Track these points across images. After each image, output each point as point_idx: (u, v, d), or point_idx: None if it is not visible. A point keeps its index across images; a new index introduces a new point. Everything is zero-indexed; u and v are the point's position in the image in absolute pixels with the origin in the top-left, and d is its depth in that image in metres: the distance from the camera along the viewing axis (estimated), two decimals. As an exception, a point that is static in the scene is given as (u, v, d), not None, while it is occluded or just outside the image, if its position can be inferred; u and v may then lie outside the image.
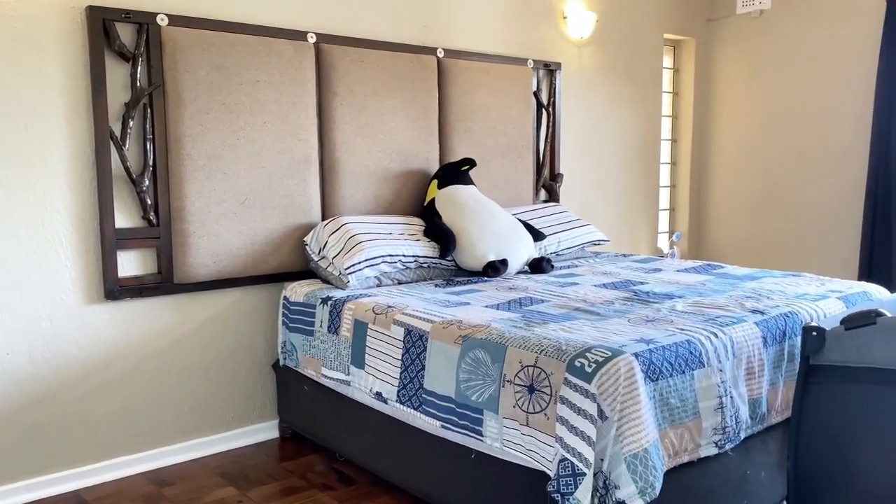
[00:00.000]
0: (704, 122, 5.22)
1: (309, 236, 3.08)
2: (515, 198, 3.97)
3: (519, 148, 3.96)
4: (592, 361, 1.90)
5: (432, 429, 2.32)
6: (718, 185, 5.18)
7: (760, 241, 4.97)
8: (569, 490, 1.84)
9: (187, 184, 2.84)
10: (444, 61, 3.61)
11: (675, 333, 2.13)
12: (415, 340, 2.36)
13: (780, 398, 2.31)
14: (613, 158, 4.65)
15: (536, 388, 1.98)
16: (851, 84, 4.44)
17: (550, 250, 3.62)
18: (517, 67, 3.93)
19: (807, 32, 4.62)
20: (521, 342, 2.08)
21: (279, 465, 2.93)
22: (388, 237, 3.02)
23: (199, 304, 2.98)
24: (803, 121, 4.68)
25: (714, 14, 5.08)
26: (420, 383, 2.33)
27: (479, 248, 3.15)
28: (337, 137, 3.22)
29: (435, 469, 2.35)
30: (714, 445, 2.07)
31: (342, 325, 2.68)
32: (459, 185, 3.36)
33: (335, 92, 3.21)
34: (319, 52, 3.19)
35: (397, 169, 3.43)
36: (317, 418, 2.91)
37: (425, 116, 3.52)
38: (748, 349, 2.21)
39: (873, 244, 4.26)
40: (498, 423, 2.07)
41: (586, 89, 4.42)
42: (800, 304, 2.53)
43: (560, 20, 4.22)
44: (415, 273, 3.12)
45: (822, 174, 4.62)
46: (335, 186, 3.24)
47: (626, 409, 1.84)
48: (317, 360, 2.81)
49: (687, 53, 5.12)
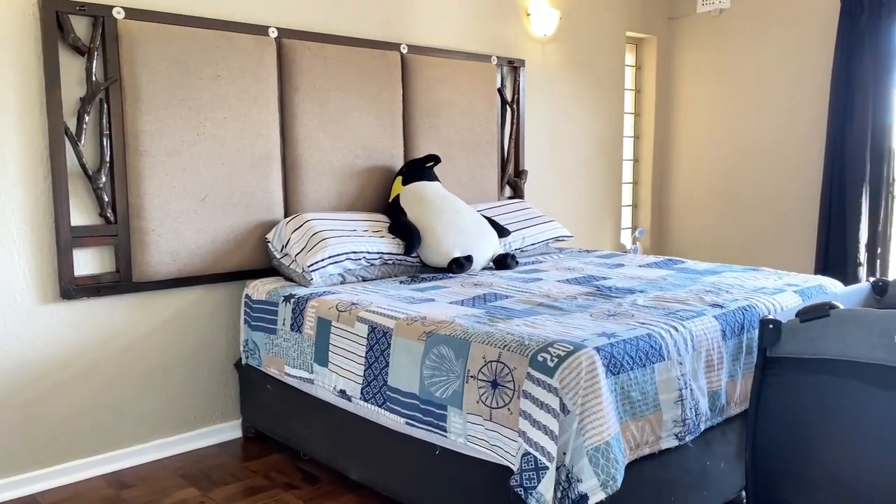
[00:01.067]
0: (666, 120, 5.29)
1: (271, 233, 3.05)
2: (480, 194, 3.98)
3: (484, 144, 3.97)
4: (554, 356, 1.91)
5: (397, 426, 2.31)
6: (680, 182, 5.26)
7: (721, 236, 5.05)
8: (532, 484, 1.85)
9: (146, 180, 2.78)
10: (407, 57, 3.60)
11: (636, 327, 2.15)
12: (379, 337, 2.35)
13: (739, 390, 2.35)
14: (577, 155, 4.69)
15: (500, 384, 1.98)
16: (807, 83, 4.54)
17: (515, 246, 3.64)
18: (481, 64, 3.94)
19: (764, 32, 4.71)
20: (485, 338, 2.08)
21: (242, 465, 2.89)
22: (352, 234, 3.00)
23: (158, 304, 2.93)
24: (761, 119, 4.77)
25: (675, 12, 5.15)
26: (384, 380, 2.32)
27: (444, 245, 3.15)
28: (299, 133, 3.19)
29: (400, 466, 2.35)
30: (675, 437, 2.10)
31: (305, 323, 2.65)
32: (424, 182, 3.36)
33: (297, 87, 3.18)
34: (281, 46, 3.16)
35: (361, 165, 3.41)
36: (280, 417, 2.89)
37: (389, 112, 3.50)
38: (707, 342, 2.24)
39: (829, 239, 4.36)
40: (462, 419, 2.07)
41: (550, 86, 4.45)
42: (758, 297, 2.58)
43: (524, 17, 4.23)
44: (379, 270, 3.10)
45: (780, 171, 4.72)
46: (298, 183, 3.21)
47: (588, 402, 1.86)
48: (280, 358, 2.79)
49: (649, 51, 5.18)
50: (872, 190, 4.21)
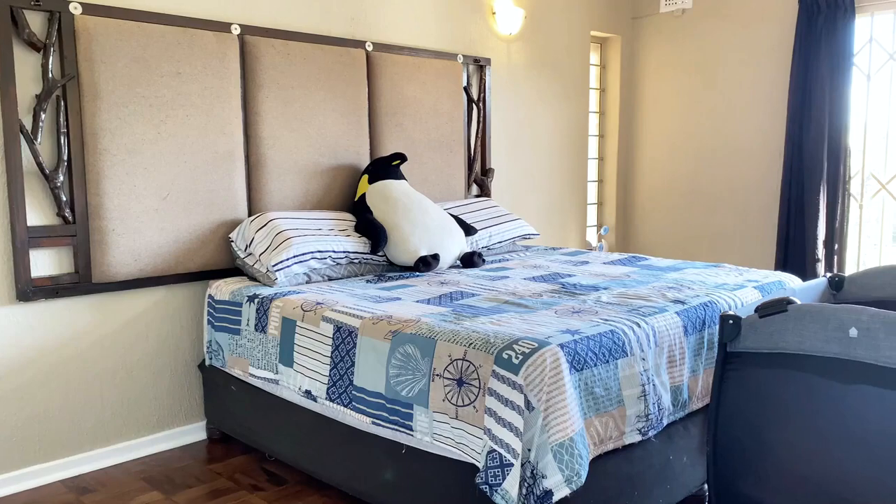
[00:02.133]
0: (630, 119, 5.35)
1: (235, 233, 3.01)
2: (447, 192, 3.98)
3: (450, 143, 3.97)
4: (519, 353, 1.92)
5: (363, 425, 2.30)
6: (644, 180, 5.32)
7: (684, 233, 5.13)
8: (497, 481, 1.86)
9: (105, 179, 2.73)
10: (373, 55, 3.58)
11: (600, 324, 2.18)
12: (344, 337, 2.34)
13: (701, 385, 2.39)
14: (543, 154, 4.72)
15: (465, 381, 1.99)
16: (767, 82, 4.62)
17: (482, 244, 3.65)
18: (447, 62, 3.94)
19: (725, 32, 4.79)
20: (451, 336, 2.08)
21: (206, 467, 2.86)
22: (317, 233, 2.98)
23: (119, 305, 2.88)
24: (723, 117, 4.85)
25: (638, 12, 5.21)
26: (350, 380, 2.31)
27: (410, 243, 3.14)
28: (263, 131, 3.16)
29: (366, 466, 2.34)
30: (638, 432, 2.12)
31: (269, 323, 2.63)
32: (390, 180, 3.35)
33: (261, 85, 3.15)
34: (244, 44, 3.12)
35: (327, 163, 3.38)
36: (245, 418, 2.85)
37: (355, 110, 3.48)
38: (669, 338, 2.27)
39: (788, 236, 4.45)
40: (428, 418, 2.07)
41: (516, 85, 4.47)
42: (719, 293, 2.62)
43: (489, 16, 4.24)
44: (346, 269, 3.09)
45: (741, 169, 4.80)
46: (262, 181, 3.18)
47: (552, 399, 1.87)
48: (244, 359, 2.76)
49: (613, 50, 5.23)
50: (830, 188, 4.31)
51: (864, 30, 4.24)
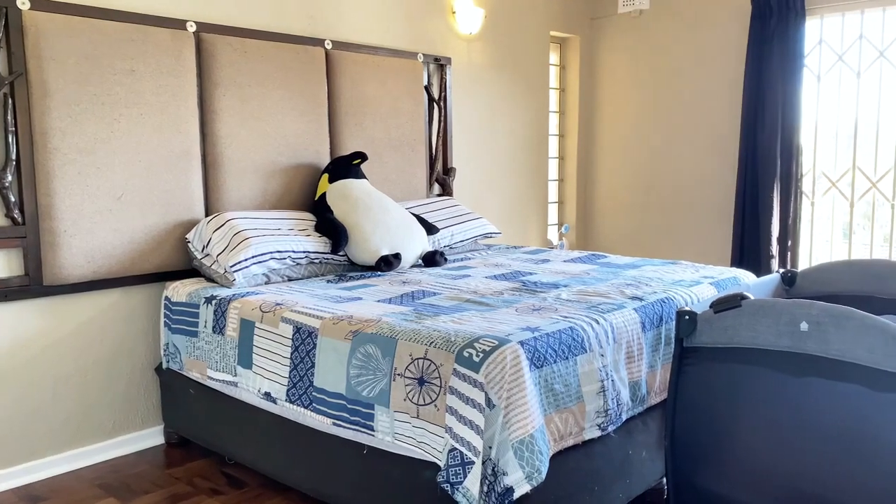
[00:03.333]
0: (590, 118, 5.40)
1: (192, 233, 2.96)
2: (409, 191, 3.97)
3: (411, 142, 3.97)
4: (480, 351, 1.92)
5: (323, 426, 2.29)
6: (604, 179, 5.38)
7: (643, 231, 5.20)
8: (458, 479, 1.86)
9: (56, 179, 2.66)
10: (332, 53, 3.56)
11: (559, 321, 2.19)
12: (304, 338, 2.32)
13: (659, 380, 2.42)
14: (504, 153, 4.74)
15: (426, 380, 1.98)
16: (722, 83, 4.71)
17: (444, 243, 3.65)
18: (407, 61, 3.93)
19: (682, 33, 4.87)
20: (412, 335, 2.08)
21: (164, 472, 2.80)
22: (276, 233, 2.95)
23: (73, 307, 2.81)
24: (679, 117, 4.94)
25: (597, 13, 5.27)
26: (310, 381, 2.29)
27: (372, 243, 3.13)
28: (220, 130, 3.11)
29: (327, 467, 2.32)
30: (597, 428, 2.14)
31: (227, 325, 2.59)
32: (351, 179, 3.33)
33: (217, 83, 3.10)
34: (200, 41, 3.07)
35: (286, 163, 3.35)
36: (204, 422, 2.81)
37: (314, 109, 3.45)
38: (628, 334, 2.30)
39: (744, 233, 4.54)
40: (389, 417, 2.07)
41: (476, 84, 4.48)
42: (676, 290, 2.66)
43: (449, 15, 4.25)
44: (306, 269, 3.06)
45: (697, 168, 4.89)
46: (219, 181, 3.13)
47: (513, 396, 1.88)
48: (202, 361, 2.71)
49: (572, 51, 5.28)
50: (783, 186, 4.41)
51: (815, 32, 4.35)
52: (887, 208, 4.21)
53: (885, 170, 4.16)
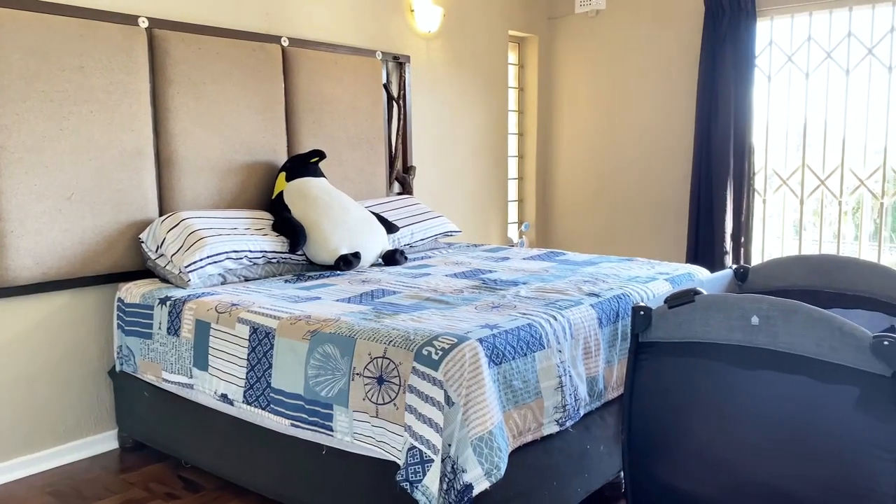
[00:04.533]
0: (548, 117, 5.45)
1: (145, 233, 2.90)
2: (368, 190, 3.95)
3: (370, 140, 3.95)
4: (439, 349, 1.92)
5: (282, 428, 2.26)
6: (563, 178, 5.43)
7: (601, 229, 5.27)
8: (417, 478, 1.86)
9: (2, 179, 2.58)
10: (289, 50, 3.52)
11: (518, 318, 2.21)
12: (261, 338, 2.29)
13: (616, 375, 2.45)
14: (464, 151, 4.75)
15: (385, 379, 1.98)
16: (677, 82, 4.80)
17: (404, 242, 3.64)
18: (366, 59, 3.91)
19: (637, 33, 4.94)
20: (371, 334, 2.07)
21: (119, 477, 2.74)
22: (232, 232, 2.91)
23: (20, 310, 2.73)
24: (635, 116, 5.01)
25: (554, 12, 5.31)
26: (268, 382, 2.27)
27: (331, 242, 3.11)
28: (174, 128, 3.06)
29: (286, 469, 2.30)
30: (556, 423, 2.16)
31: (183, 326, 2.55)
32: (309, 178, 3.30)
33: (171, 80, 3.04)
34: (152, 37, 3.01)
35: (242, 161, 3.30)
36: (159, 425, 2.76)
37: (271, 107, 3.41)
38: (585, 330, 2.33)
39: (698, 230, 4.63)
40: (348, 417, 2.05)
41: (436, 83, 4.48)
42: (631, 286, 2.70)
43: (408, 13, 4.24)
44: (263, 269, 3.02)
45: (653, 167, 4.97)
46: (173, 180, 3.07)
47: (472, 393, 1.89)
48: (156, 363, 2.66)
49: (531, 50, 5.31)
50: (736, 184, 4.51)
51: (765, 33, 4.45)
52: (835, 205, 4.33)
53: (832, 168, 4.29)
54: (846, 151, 4.23)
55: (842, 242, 4.34)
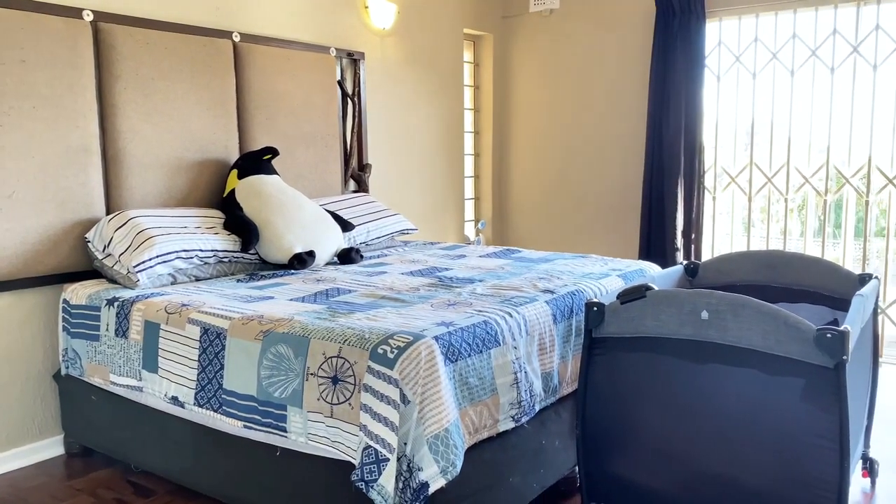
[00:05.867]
0: (504, 116, 5.47)
1: (91, 232, 2.82)
2: (323, 188, 3.91)
3: (325, 137, 3.91)
4: (395, 347, 1.91)
5: (234, 430, 2.22)
6: (518, 176, 5.47)
7: (556, 226, 5.32)
8: (373, 477, 1.84)
9: (-63, 176, 2.48)
10: (240, 46, 3.46)
11: (474, 315, 2.21)
12: (212, 339, 2.25)
13: (570, 370, 2.48)
14: (420, 149, 4.74)
15: (340, 379, 1.96)
16: (629, 81, 4.87)
17: (360, 240, 3.62)
18: (319, 55, 3.87)
19: (590, 32, 4.99)
20: (325, 333, 2.05)
21: (65, 484, 2.66)
22: (182, 231, 2.85)
23: (-42, 313, 2.63)
24: (589, 115, 5.07)
25: (509, 11, 5.33)
26: (219, 384, 2.22)
27: (284, 240, 3.06)
28: (121, 124, 2.98)
29: (239, 471, 2.26)
30: (511, 419, 2.17)
31: (131, 328, 2.48)
32: (262, 175, 3.25)
33: (118, 76, 2.96)
34: (98, 31, 2.92)
35: (192, 158, 3.23)
36: (108, 429, 2.68)
37: (222, 103, 3.35)
38: (540, 326, 2.34)
39: (650, 227, 4.71)
40: (302, 418, 2.03)
41: (391, 80, 4.46)
42: (585, 282, 2.73)
43: (362, 9, 4.21)
44: (214, 269, 2.97)
45: (606, 165, 5.03)
46: (121, 178, 2.99)
47: (428, 391, 1.88)
48: (104, 366, 2.59)
49: (486, 48, 5.33)
50: (686, 181, 4.60)
51: (714, 34, 4.55)
52: (782, 203, 4.45)
53: (778, 166, 4.40)
54: (791, 150, 4.35)
55: (788, 238, 4.46)
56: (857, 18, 4.08)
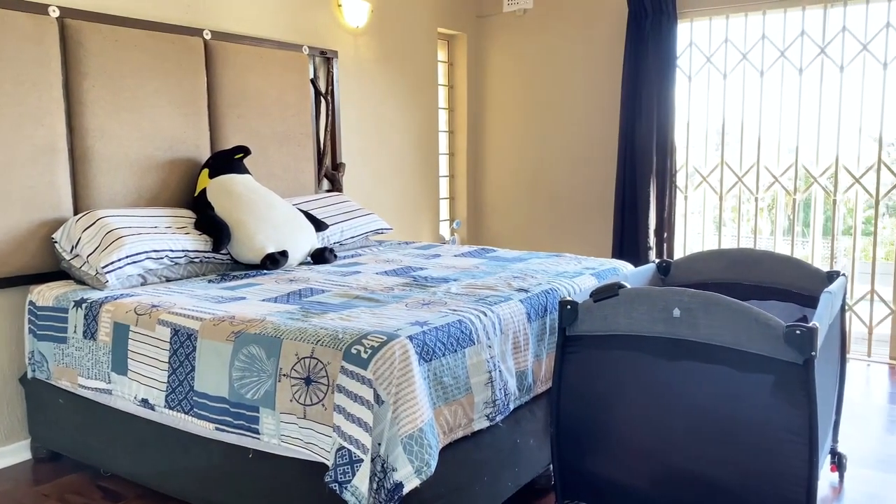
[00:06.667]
0: (478, 115, 5.48)
1: (59, 233, 2.77)
2: (296, 187, 3.88)
3: (298, 136, 3.87)
4: (368, 347, 1.90)
5: (206, 432, 2.19)
6: (493, 175, 5.48)
7: (530, 225, 5.33)
8: (346, 478, 1.83)
9: None
10: (212, 44, 3.42)
11: (448, 314, 2.20)
12: (183, 340, 2.21)
13: (544, 369, 2.49)
14: (395, 148, 4.72)
15: (313, 380, 1.94)
16: (602, 82, 4.90)
17: (334, 240, 3.60)
18: (292, 53, 3.83)
19: (564, 32, 5.02)
20: (298, 334, 2.03)
21: (33, 489, 2.61)
22: (153, 231, 2.80)
23: (-81, 316, 2.56)
24: (562, 115, 5.09)
25: (483, 11, 5.34)
26: (190, 385, 2.19)
27: (256, 240, 3.03)
28: (89, 123, 2.92)
29: (211, 474, 2.23)
30: (486, 418, 2.17)
31: (100, 330, 2.44)
32: (233, 175, 3.21)
33: (86, 73, 2.91)
34: (65, 28, 2.87)
35: (163, 157, 3.19)
36: (76, 433, 2.63)
37: (193, 102, 3.31)
38: (514, 325, 2.35)
39: (623, 226, 4.75)
40: (275, 420, 2.01)
41: (365, 79, 4.44)
42: (559, 281, 2.74)
43: (335, 7, 4.18)
44: (185, 269, 2.93)
45: (580, 165, 5.06)
46: (89, 177, 2.94)
47: (402, 391, 1.87)
48: (72, 369, 2.54)
49: (460, 48, 5.33)
50: (659, 181, 4.64)
51: (685, 34, 4.59)
52: (752, 202, 4.51)
53: (749, 165, 4.46)
54: (761, 150, 4.41)
55: (758, 237, 4.52)
56: (825, 20, 4.15)
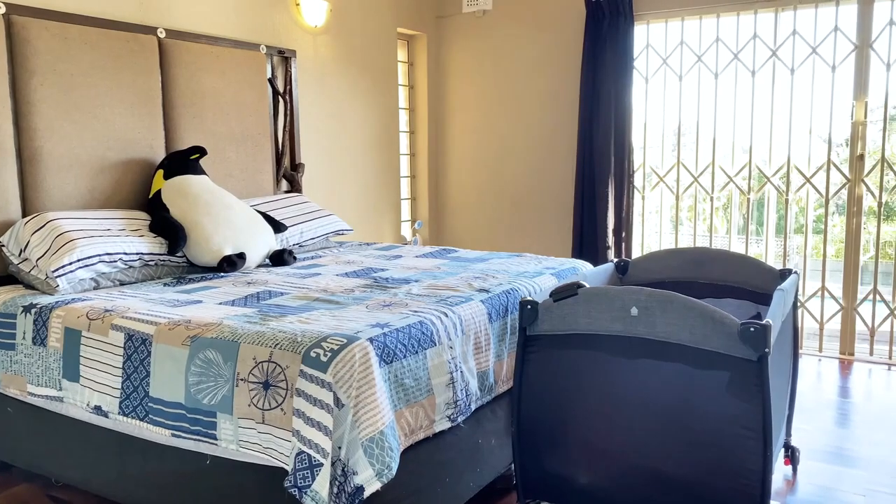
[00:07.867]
0: (439, 115, 5.47)
1: (6, 236, 2.68)
2: (254, 188, 3.83)
3: (255, 136, 3.82)
4: (328, 350, 1.88)
5: (162, 439, 2.15)
6: (454, 175, 5.48)
7: (491, 225, 5.35)
8: (306, 483, 1.81)
9: None
10: (166, 42, 3.35)
11: (409, 316, 2.20)
12: (137, 346, 2.16)
13: (505, 369, 2.49)
14: (355, 149, 4.69)
15: (272, 384, 1.92)
16: (561, 83, 4.94)
17: (293, 241, 3.56)
18: (249, 52, 3.78)
19: (523, 33, 5.05)
20: (255, 338, 2.00)
21: (-21, 502, 2.53)
22: (105, 234, 2.74)
23: None
24: (521, 116, 5.12)
25: (443, 11, 5.34)
26: (145, 391, 2.14)
27: (213, 242, 2.98)
28: (38, 122, 2.84)
29: (167, 481, 2.18)
30: (447, 419, 2.17)
31: (50, 335, 2.37)
32: (189, 175, 3.15)
33: (33, 71, 2.82)
34: (10, 24, 2.78)
35: (115, 158, 3.11)
36: (26, 443, 2.55)
37: (147, 101, 3.24)
38: (475, 325, 2.35)
39: (583, 226, 4.79)
40: (233, 425, 1.97)
41: (324, 79, 4.40)
42: (520, 281, 2.75)
43: (293, 6, 4.14)
44: (140, 272, 2.86)
45: (540, 165, 5.09)
46: (38, 178, 2.85)
47: (362, 394, 1.86)
48: (20, 376, 2.46)
49: (420, 48, 5.32)
50: (617, 181, 4.70)
51: (642, 36, 4.66)
52: (708, 201, 4.60)
53: (704, 166, 4.54)
54: (717, 150, 4.49)
55: (714, 236, 4.62)
56: (776, 24, 4.25)
